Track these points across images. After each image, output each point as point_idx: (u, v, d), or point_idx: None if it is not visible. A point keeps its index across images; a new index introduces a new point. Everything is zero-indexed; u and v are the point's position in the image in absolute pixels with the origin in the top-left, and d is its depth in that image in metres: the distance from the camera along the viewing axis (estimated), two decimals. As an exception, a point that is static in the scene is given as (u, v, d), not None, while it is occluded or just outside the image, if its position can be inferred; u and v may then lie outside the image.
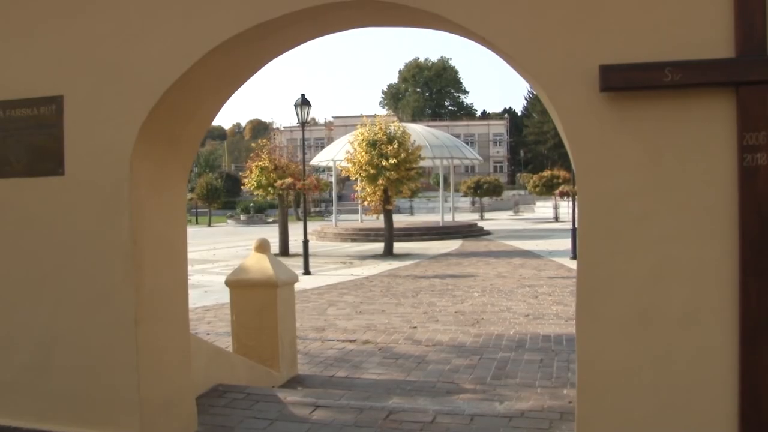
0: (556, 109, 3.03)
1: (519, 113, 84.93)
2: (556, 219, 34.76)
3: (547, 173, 35.68)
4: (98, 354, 3.47)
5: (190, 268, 15.76)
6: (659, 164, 2.92)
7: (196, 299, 10.47)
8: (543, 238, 22.83)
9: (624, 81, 2.86)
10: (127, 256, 3.38)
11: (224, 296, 10.19)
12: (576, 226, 3.46)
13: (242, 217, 41.03)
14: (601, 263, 2.96)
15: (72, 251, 3.50)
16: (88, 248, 3.47)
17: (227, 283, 5.44)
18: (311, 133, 72.48)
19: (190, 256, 10.91)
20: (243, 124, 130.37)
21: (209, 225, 38.16)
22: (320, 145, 74.82)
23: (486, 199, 46.95)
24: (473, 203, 50.51)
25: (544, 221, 35.10)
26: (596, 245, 2.97)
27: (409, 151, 18.62)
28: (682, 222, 2.91)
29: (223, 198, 41.43)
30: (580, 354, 2.99)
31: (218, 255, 18.99)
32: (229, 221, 41.12)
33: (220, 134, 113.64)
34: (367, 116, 20.88)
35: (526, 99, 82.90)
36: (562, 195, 22.47)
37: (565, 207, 31.42)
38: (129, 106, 3.41)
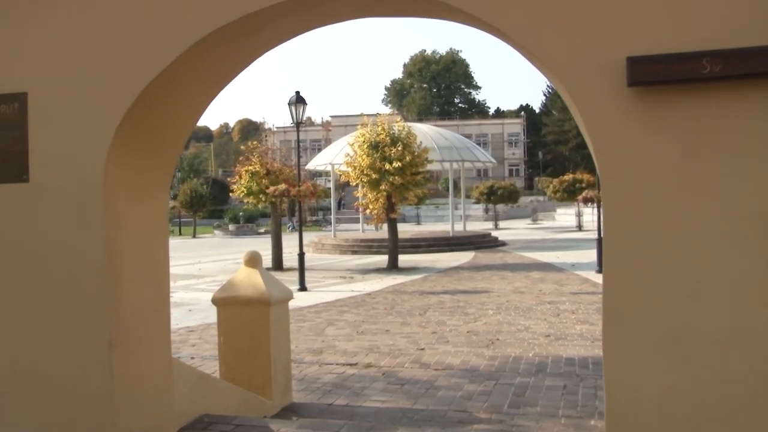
0: (577, 107, 3.00)
1: (537, 111, 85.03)
2: (580, 228, 34.69)
3: (568, 177, 35.58)
4: (68, 382, 3.42)
5: (172, 284, 15.72)
6: (695, 166, 2.88)
7: (179, 319, 10.44)
8: (565, 249, 22.73)
9: (654, 74, 2.83)
10: (102, 272, 3.35)
11: (211, 315, 10.08)
12: (601, 235, 3.44)
13: (231, 227, 41.08)
14: (629, 277, 2.93)
15: (39, 267, 3.45)
16: (57, 263, 3.42)
17: (214, 300, 5.42)
18: (307, 134, 72.71)
19: (172, 270, 10.96)
20: (231, 125, 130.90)
21: (194, 236, 38.19)
22: (317, 147, 75.03)
23: (501, 206, 46.93)
24: (486, 211, 50.45)
25: (565, 230, 34.99)
26: (624, 257, 2.94)
27: (415, 153, 18.63)
28: (721, 231, 2.87)
29: (210, 206, 41.45)
30: (608, 379, 2.96)
31: (204, 269, 18.96)
32: (216, 232, 41.18)
33: (205, 135, 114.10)
34: (369, 115, 20.92)
35: (544, 95, 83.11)
36: (586, 201, 22.39)
37: (589, 214, 31.33)
38: (103, 105, 3.38)
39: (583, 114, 2.99)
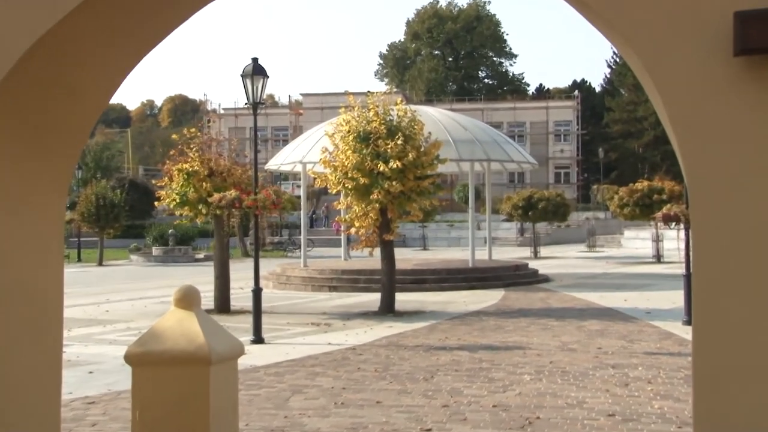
0: (657, 86, 3.01)
1: (597, 89, 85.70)
2: (659, 258, 34.72)
3: (642, 184, 35.65)
4: None
5: (66, 333, 15.59)
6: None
7: (74, 385, 10.33)
8: (636, 289, 22.58)
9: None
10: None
11: (122, 380, 9.83)
12: (691, 270, 3.42)
13: (155, 250, 40.91)
14: (733, 332, 2.92)
15: None
16: None
17: (128, 357, 5.37)
18: (268, 120, 73.05)
19: (67, 313, 10.75)
20: (158, 104, 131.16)
21: (100, 263, 37.99)
22: (282, 138, 75.18)
23: (542, 226, 46.99)
24: (522, 232, 50.55)
25: (638, 261, 34.91)
26: (724, 302, 2.93)
27: (421, 149, 18.61)
28: None
29: (125, 220, 41.34)
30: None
31: (114, 312, 18.78)
32: (133, 257, 40.98)
33: (120, 118, 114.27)
34: (356, 94, 20.92)
35: (609, 66, 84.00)
36: (668, 220, 22.21)
37: (673, 239, 31.38)
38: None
39: (666, 96, 3.00)
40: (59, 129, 3.80)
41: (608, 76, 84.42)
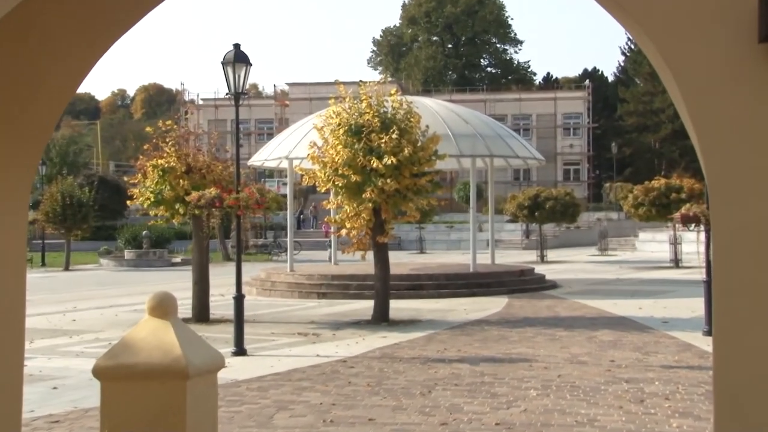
0: (674, 76, 3.02)
1: (609, 79, 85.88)
2: (677, 263, 34.70)
3: (658, 182, 35.65)
4: None
5: (28, 345, 15.45)
6: None
7: (36, 402, 10.27)
8: (652, 296, 22.51)
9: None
10: None
11: (90, 396, 9.74)
12: (711, 275, 3.41)
13: (128, 254, 40.90)
14: (757, 344, 2.93)
15: None
16: None
17: (97, 371, 5.33)
18: (251, 112, 73.04)
19: (29, 323, 10.73)
20: (131, 93, 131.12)
21: (66, 268, 37.83)
22: (267, 131, 75.03)
23: (550, 227, 47.00)
24: (527, 234, 50.56)
25: (654, 266, 34.88)
26: (748, 311, 2.93)
27: (418, 144, 18.58)
28: None
29: (94, 221, 41.26)
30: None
31: (81, 321, 18.65)
32: (103, 261, 40.98)
33: (89, 109, 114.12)
34: (347, 84, 20.91)
35: (623, 53, 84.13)
36: (687, 221, 22.14)
37: (692, 242, 31.37)
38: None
39: (684, 87, 3.01)
40: (21, 121, 3.78)
41: (622, 64, 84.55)
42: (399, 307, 19.66)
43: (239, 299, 14.69)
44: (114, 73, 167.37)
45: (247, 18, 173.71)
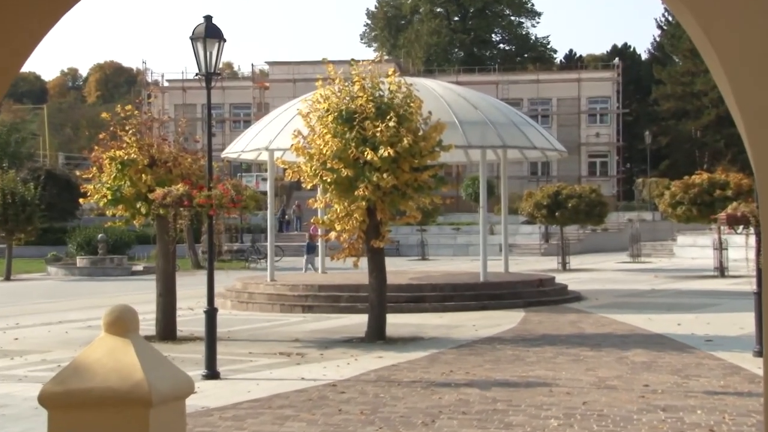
0: (718, 55, 2.99)
1: (643, 56, 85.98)
2: (722, 272, 34.75)
3: (700, 177, 35.69)
4: None
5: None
6: None
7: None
8: (693, 311, 22.64)
9: None
10: None
11: (35, 428, 9.86)
12: (762, 285, 3.37)
13: (80, 261, 40.99)
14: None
15: None
16: None
17: (44, 399, 5.32)
18: (225, 95, 73.11)
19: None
20: (84, 73, 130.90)
21: (8, 278, 37.93)
22: (244, 117, 75.23)
23: (573, 230, 47.09)
24: (547, 238, 50.66)
25: (695, 275, 34.99)
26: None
27: (420, 133, 18.65)
28: None
29: (40, 223, 41.22)
30: None
31: (26, 340, 18.76)
32: (51, 269, 41.04)
33: (33, 91, 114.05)
34: (337, 62, 20.90)
35: (659, 26, 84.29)
36: (734, 223, 22.13)
37: (740, 247, 31.31)
38: None
39: (728, 65, 2.99)
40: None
41: (658, 39, 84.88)
42: (397, 322, 19.73)
43: (211, 313, 14.73)
44: (64, 50, 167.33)
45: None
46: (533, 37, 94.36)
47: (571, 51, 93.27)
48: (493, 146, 27.22)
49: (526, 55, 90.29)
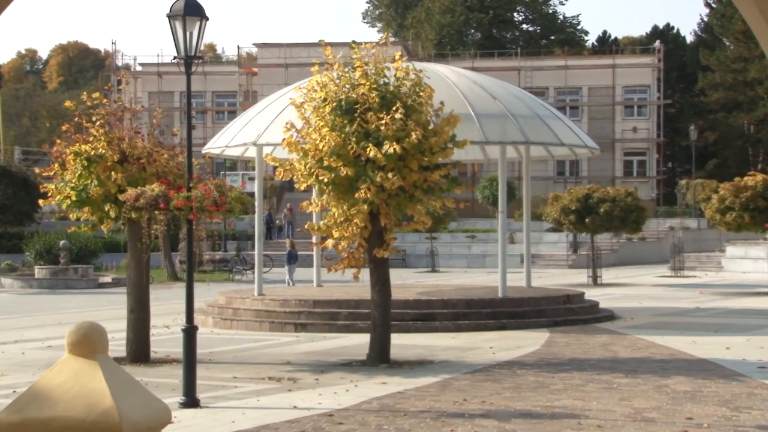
0: None
1: (687, 39, 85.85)
2: (779, 288, 34.86)
3: (754, 179, 35.68)
4: None
5: None
6: None
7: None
8: (745, 333, 22.64)
9: None
10: None
11: None
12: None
13: (39, 271, 41.11)
14: None
15: None
16: None
17: (-1, 428, 5.42)
18: (207, 82, 73.05)
19: None
20: (44, 55, 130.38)
21: (-42, 291, 38.09)
22: (228, 108, 75.01)
23: (605, 238, 47.05)
24: (574, 247, 50.59)
25: (747, 291, 34.97)
26: None
27: (430, 126, 18.69)
28: None
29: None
30: None
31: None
32: (5, 281, 41.24)
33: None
34: (335, 45, 21.09)
35: (707, 3, 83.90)
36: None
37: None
38: None
39: None
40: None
41: (705, 19, 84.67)
42: (403, 343, 19.77)
43: (190, 332, 14.83)
44: (21, 29, 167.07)
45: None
46: (561, 17, 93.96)
47: (604, 33, 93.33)
48: (514, 142, 27.22)
49: (552, 38, 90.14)
